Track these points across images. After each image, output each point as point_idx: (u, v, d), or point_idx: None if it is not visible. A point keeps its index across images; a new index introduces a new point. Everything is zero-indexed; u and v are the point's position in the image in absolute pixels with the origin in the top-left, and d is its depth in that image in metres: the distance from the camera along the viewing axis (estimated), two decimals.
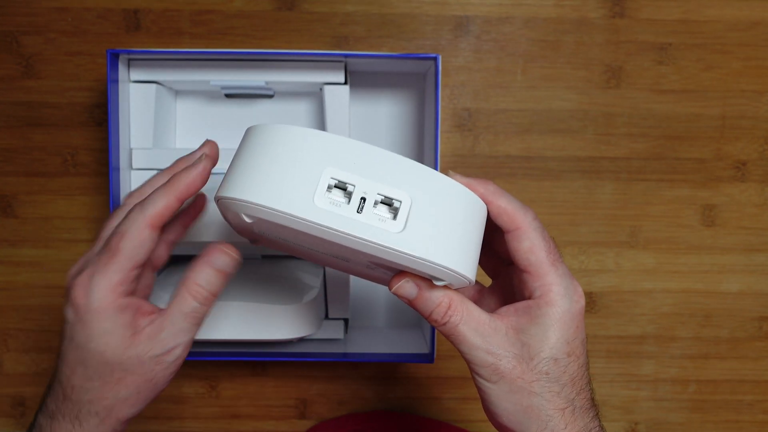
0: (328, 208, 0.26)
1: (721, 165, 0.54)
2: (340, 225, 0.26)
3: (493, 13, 0.52)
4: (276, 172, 0.26)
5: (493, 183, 0.31)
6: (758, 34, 0.53)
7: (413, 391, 0.55)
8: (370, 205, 0.26)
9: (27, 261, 0.52)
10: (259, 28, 0.51)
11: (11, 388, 0.53)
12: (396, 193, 0.27)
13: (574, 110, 0.53)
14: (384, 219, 0.26)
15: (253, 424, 0.55)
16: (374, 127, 0.53)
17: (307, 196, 0.26)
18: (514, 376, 0.29)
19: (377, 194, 0.27)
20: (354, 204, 0.26)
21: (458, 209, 0.28)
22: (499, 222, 0.30)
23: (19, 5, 0.50)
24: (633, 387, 0.55)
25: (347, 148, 0.27)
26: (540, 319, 0.30)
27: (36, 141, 0.52)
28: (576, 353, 0.30)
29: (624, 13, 0.52)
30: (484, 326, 0.30)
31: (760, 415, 0.56)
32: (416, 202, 0.27)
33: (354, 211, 0.26)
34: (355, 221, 0.26)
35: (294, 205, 0.26)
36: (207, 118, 0.52)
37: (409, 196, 0.27)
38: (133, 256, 0.30)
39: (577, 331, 0.30)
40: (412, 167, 0.27)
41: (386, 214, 0.27)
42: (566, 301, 0.30)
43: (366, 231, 0.26)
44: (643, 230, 0.54)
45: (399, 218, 0.27)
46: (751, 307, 0.55)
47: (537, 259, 0.30)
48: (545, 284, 0.30)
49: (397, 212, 0.27)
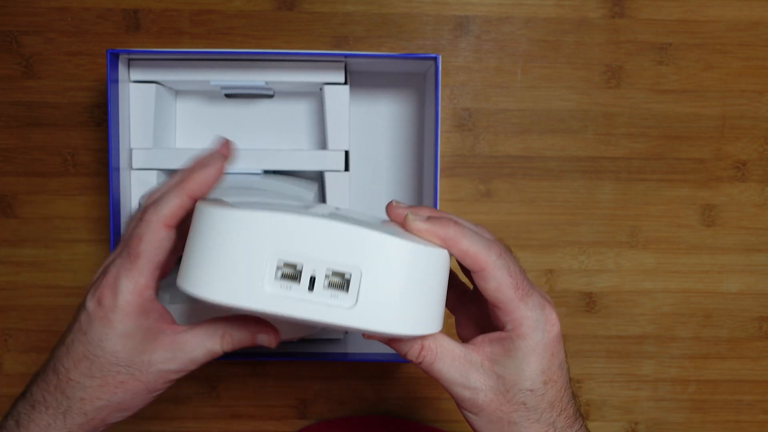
0: (278, 292, 0.26)
1: (721, 165, 0.54)
2: (291, 310, 0.26)
3: (493, 13, 0.52)
4: (223, 264, 0.26)
5: (454, 223, 0.30)
6: (758, 34, 0.53)
7: (413, 391, 0.55)
8: (320, 282, 0.26)
9: (27, 261, 0.52)
10: (259, 28, 0.51)
11: (11, 388, 0.53)
12: (345, 267, 0.26)
13: (574, 110, 0.53)
14: (335, 295, 0.26)
15: (253, 424, 0.55)
16: (374, 127, 0.53)
17: (256, 285, 0.26)
18: (493, 408, 0.30)
19: (326, 269, 0.26)
20: (304, 283, 0.26)
21: (414, 270, 0.27)
22: (464, 264, 0.30)
23: (19, 5, 0.50)
24: (633, 387, 0.55)
25: (291, 227, 0.26)
26: (513, 352, 0.30)
27: (36, 141, 0.52)
28: (554, 378, 0.30)
29: (624, 13, 0.52)
30: (459, 360, 0.30)
31: (760, 415, 0.56)
32: (367, 273, 0.26)
33: (305, 290, 0.26)
34: (306, 302, 0.26)
35: (244, 297, 0.26)
36: (207, 118, 0.52)
37: (359, 267, 0.26)
38: (153, 258, 0.30)
39: (552, 358, 0.30)
40: (360, 236, 0.26)
41: (338, 290, 0.26)
42: (538, 333, 0.30)
43: (318, 312, 0.26)
44: (643, 230, 0.54)
45: (351, 292, 0.26)
46: (751, 307, 0.55)
47: (505, 298, 0.30)
48: (515, 319, 0.30)
49: (348, 285, 0.26)
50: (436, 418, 0.55)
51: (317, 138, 0.52)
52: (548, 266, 0.54)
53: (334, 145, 0.47)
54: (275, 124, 0.52)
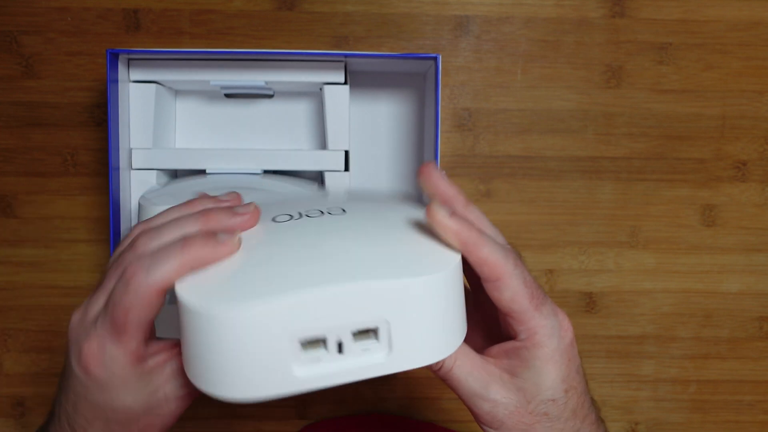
0: (308, 370, 0.24)
1: (721, 165, 0.54)
2: (327, 381, 0.25)
3: (493, 13, 0.52)
4: (241, 364, 0.24)
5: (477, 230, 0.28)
6: (758, 34, 0.53)
7: (413, 391, 0.55)
8: (349, 343, 0.25)
9: (27, 261, 0.52)
10: (259, 28, 0.51)
11: (11, 388, 0.53)
12: (371, 323, 0.25)
13: (574, 110, 0.53)
14: (367, 348, 0.25)
15: (253, 424, 0.55)
16: (374, 127, 0.53)
17: (283, 373, 0.24)
18: (514, 421, 0.29)
19: (352, 331, 0.25)
20: (333, 349, 0.25)
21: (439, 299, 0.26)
22: (479, 271, 0.28)
23: (19, 5, 0.50)
24: (633, 387, 0.55)
25: (301, 307, 0.24)
26: (532, 362, 0.29)
27: (36, 141, 0.52)
28: (573, 385, 0.30)
29: (624, 13, 0.52)
30: (479, 370, 0.29)
31: (760, 415, 0.56)
32: (394, 319, 0.25)
33: (335, 353, 0.25)
34: (340, 367, 0.25)
35: (275, 387, 0.24)
36: (207, 118, 0.52)
37: (386, 318, 0.25)
38: (142, 325, 0.27)
39: (570, 364, 0.30)
40: (378, 290, 0.24)
41: (370, 343, 0.25)
42: (554, 340, 0.29)
43: (354, 373, 0.25)
44: (643, 230, 0.54)
45: (382, 341, 0.25)
46: (751, 307, 0.55)
47: (520, 308, 0.29)
48: (530, 328, 0.29)
49: (378, 335, 0.25)
50: (436, 418, 0.55)
51: (317, 138, 0.52)
52: (548, 266, 0.54)
53: (334, 145, 0.47)
54: (275, 124, 0.52)
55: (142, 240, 0.28)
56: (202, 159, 0.47)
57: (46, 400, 0.53)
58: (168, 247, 0.26)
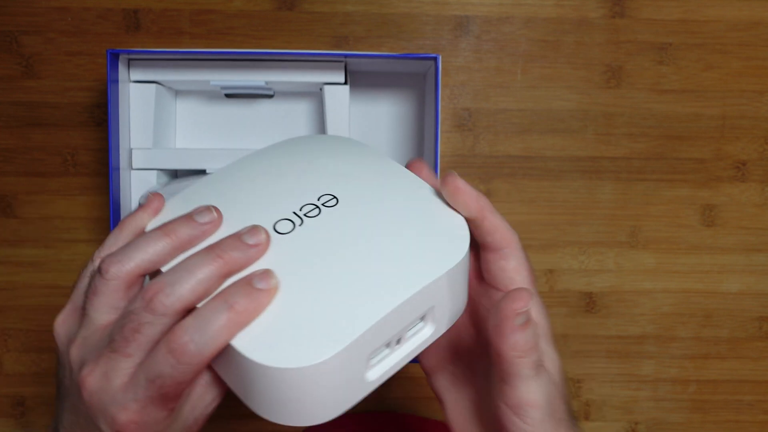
0: (377, 371, 0.26)
1: (721, 165, 0.54)
2: (391, 371, 0.27)
3: (493, 13, 0.52)
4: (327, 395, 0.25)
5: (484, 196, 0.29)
6: (758, 34, 0.53)
7: (413, 391, 0.55)
8: (405, 333, 0.27)
9: (27, 261, 0.52)
10: (259, 28, 0.51)
11: (11, 388, 0.53)
12: (423, 313, 0.27)
13: (574, 110, 0.53)
14: (418, 330, 0.28)
15: (253, 424, 0.55)
16: (374, 127, 0.53)
17: (360, 382, 0.26)
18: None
19: (405, 327, 0.27)
20: (394, 344, 0.27)
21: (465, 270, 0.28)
22: (490, 240, 0.29)
23: (19, 5, 0.50)
24: (633, 387, 0.55)
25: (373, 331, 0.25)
26: None
27: (36, 141, 0.52)
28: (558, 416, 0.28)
29: (624, 13, 0.52)
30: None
31: (760, 415, 0.56)
32: (438, 301, 0.27)
33: (395, 347, 0.27)
34: (400, 356, 0.27)
35: (355, 396, 0.26)
36: (207, 118, 0.52)
37: (432, 304, 0.27)
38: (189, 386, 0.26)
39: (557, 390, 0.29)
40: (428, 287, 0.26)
41: (419, 326, 0.28)
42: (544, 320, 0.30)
43: (410, 354, 0.27)
44: (643, 230, 0.54)
45: (428, 320, 0.28)
46: (751, 307, 0.55)
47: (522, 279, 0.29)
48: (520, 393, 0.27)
49: (425, 317, 0.28)
50: (435, 418, 0.55)
51: None
52: (548, 266, 0.54)
53: None
54: (275, 124, 0.52)
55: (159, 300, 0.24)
56: (202, 159, 0.47)
57: (46, 400, 0.53)
58: (209, 312, 0.24)
